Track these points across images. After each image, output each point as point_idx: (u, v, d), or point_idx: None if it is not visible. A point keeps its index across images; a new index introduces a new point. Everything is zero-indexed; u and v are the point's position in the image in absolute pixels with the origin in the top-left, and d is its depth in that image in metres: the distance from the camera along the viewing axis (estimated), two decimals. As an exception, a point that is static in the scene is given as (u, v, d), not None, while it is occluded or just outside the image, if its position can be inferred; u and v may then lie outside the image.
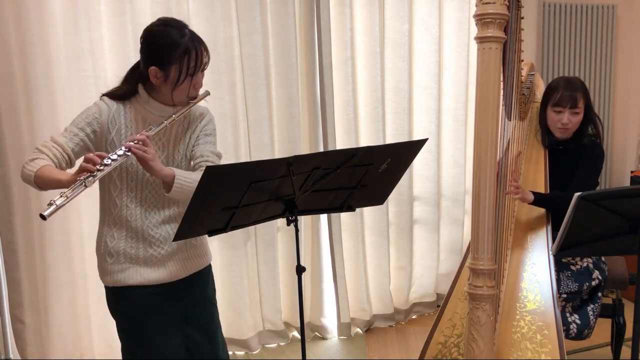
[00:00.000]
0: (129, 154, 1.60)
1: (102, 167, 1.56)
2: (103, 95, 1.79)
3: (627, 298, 2.75)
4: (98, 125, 1.73)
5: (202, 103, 1.85)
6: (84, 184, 1.52)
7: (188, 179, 1.67)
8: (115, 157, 1.59)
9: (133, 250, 1.80)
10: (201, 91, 1.81)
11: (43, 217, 1.47)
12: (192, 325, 1.90)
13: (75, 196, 1.52)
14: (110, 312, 1.90)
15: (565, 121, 2.50)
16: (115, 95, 1.77)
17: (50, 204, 1.48)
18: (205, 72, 1.92)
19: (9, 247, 2.63)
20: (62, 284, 2.74)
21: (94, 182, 1.54)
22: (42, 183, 1.63)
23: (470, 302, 1.84)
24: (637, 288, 1.91)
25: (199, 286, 1.94)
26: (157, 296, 1.83)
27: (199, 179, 1.50)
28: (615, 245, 1.92)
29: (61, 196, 1.49)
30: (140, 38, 1.77)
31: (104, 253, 1.81)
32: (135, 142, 1.62)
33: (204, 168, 1.58)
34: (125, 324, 1.87)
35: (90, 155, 1.57)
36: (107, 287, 1.86)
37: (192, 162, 1.85)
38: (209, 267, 2.00)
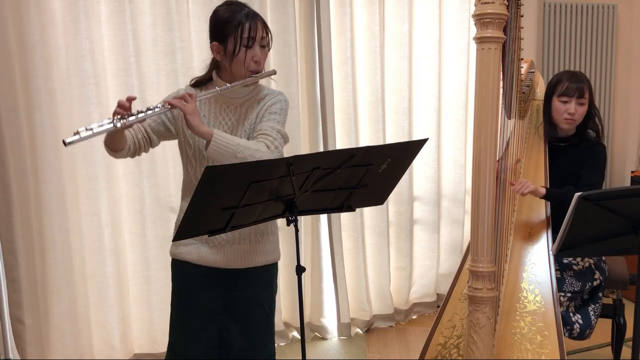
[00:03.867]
0: (168, 106, 1.69)
1: (136, 113, 1.64)
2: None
3: (627, 298, 2.74)
4: None
5: (272, 85, 1.88)
6: (113, 122, 1.60)
7: (227, 140, 1.70)
8: (152, 107, 1.68)
9: None
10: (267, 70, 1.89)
11: (64, 143, 1.54)
12: (231, 317, 1.89)
13: (100, 133, 1.59)
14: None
15: (572, 111, 2.49)
16: (195, 82, 1.91)
17: (75, 133, 1.55)
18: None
19: (8, 247, 2.62)
20: (62, 284, 2.74)
21: (124, 126, 1.63)
22: (107, 139, 1.75)
23: (470, 304, 1.84)
24: (638, 288, 1.91)
25: (248, 283, 1.89)
26: (208, 279, 1.87)
27: (245, 145, 1.66)
28: (615, 245, 1.92)
29: (87, 129, 1.57)
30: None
31: (176, 225, 1.91)
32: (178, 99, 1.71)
33: (259, 139, 1.73)
34: (175, 294, 1.96)
35: (122, 99, 1.65)
36: (171, 258, 1.96)
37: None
38: (271, 269, 1.96)
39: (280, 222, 3.18)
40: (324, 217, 3.28)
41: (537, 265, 2.22)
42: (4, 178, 2.59)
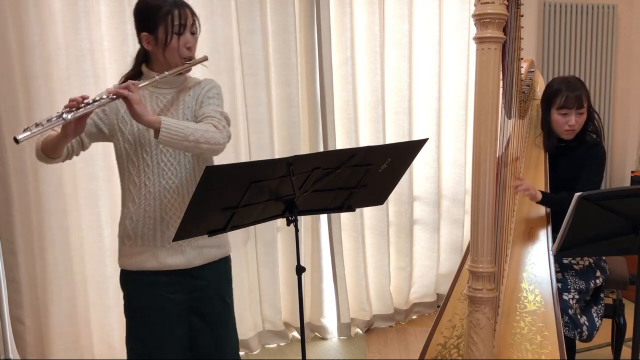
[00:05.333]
0: (114, 97, 1.64)
1: (82, 105, 1.60)
2: None
3: (627, 298, 2.74)
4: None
5: (205, 72, 1.89)
6: (61, 115, 1.56)
7: (177, 124, 1.66)
8: (98, 98, 1.64)
9: (151, 232, 1.81)
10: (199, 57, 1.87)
11: (16, 141, 1.51)
12: (198, 316, 1.89)
13: (51, 127, 1.56)
14: (123, 294, 1.92)
15: (572, 123, 2.46)
16: (125, 79, 1.85)
17: (25, 130, 1.53)
18: (205, 71, 1.94)
19: (8, 247, 2.63)
20: (62, 284, 2.73)
21: (73, 118, 1.58)
22: (46, 147, 1.71)
23: (470, 305, 1.83)
24: (638, 288, 1.91)
25: (210, 279, 1.91)
26: (172, 285, 1.84)
27: (194, 127, 1.64)
28: (615, 245, 1.92)
29: (36, 125, 1.53)
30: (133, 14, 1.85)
31: (122, 235, 1.85)
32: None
33: (205, 121, 1.71)
34: (133, 305, 1.89)
35: (74, 97, 1.62)
36: (121, 270, 1.89)
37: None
38: (227, 262, 1.98)
39: (280, 222, 3.22)
40: (324, 217, 3.28)
41: (537, 265, 2.22)
42: (4, 178, 2.59)
